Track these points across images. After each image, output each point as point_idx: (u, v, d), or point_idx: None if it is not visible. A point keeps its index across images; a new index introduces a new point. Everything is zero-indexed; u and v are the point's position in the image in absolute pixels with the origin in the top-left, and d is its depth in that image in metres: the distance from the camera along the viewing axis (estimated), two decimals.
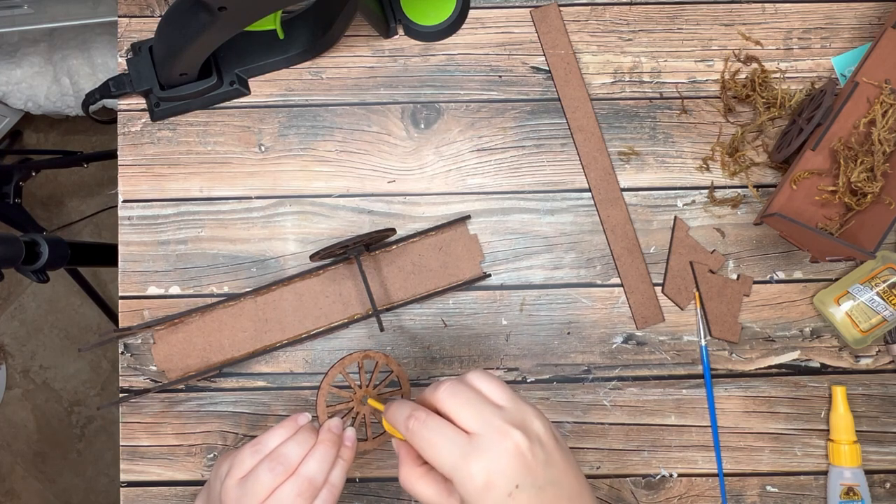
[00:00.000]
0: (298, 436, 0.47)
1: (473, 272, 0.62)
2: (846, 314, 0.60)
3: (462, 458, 0.38)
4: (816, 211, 0.59)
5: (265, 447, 0.47)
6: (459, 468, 0.38)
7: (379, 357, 0.54)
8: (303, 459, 0.46)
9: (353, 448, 0.49)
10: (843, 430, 0.60)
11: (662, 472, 0.62)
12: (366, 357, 0.54)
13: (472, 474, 0.38)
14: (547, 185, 0.63)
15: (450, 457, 0.38)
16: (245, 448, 0.47)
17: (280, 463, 0.45)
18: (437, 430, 0.39)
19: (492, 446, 0.38)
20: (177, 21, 0.53)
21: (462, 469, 0.38)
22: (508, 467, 0.38)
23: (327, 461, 0.47)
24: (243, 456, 0.47)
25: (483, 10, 0.65)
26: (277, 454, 0.46)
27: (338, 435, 0.49)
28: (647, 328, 0.63)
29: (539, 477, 0.39)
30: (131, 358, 0.62)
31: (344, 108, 0.64)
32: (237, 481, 0.46)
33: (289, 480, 0.45)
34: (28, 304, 1.48)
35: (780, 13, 0.65)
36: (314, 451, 0.47)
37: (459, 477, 0.38)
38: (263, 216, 0.63)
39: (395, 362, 0.54)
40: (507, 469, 0.38)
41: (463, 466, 0.38)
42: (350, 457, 0.49)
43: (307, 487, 0.45)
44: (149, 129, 0.64)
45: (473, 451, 0.38)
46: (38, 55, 1.19)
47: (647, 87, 0.64)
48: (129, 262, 0.63)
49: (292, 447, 0.46)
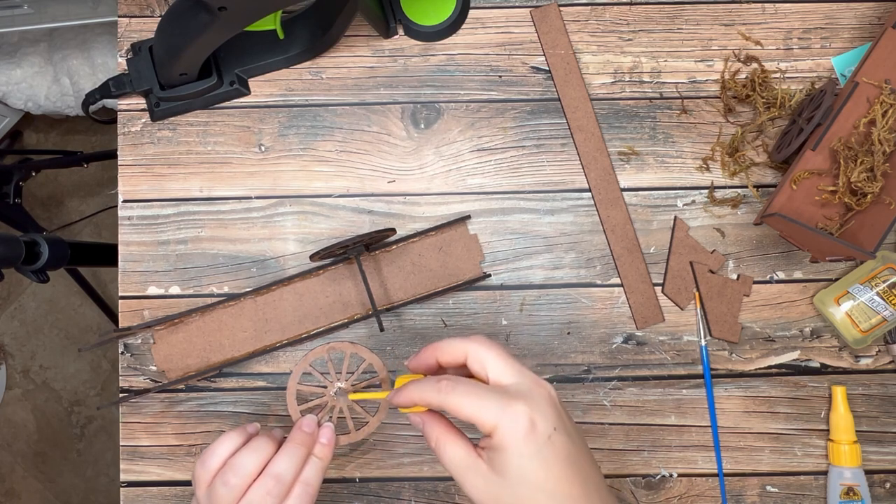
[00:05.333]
0: (252, 443, 0.47)
1: (473, 272, 0.62)
2: (846, 314, 0.60)
3: (504, 407, 0.39)
4: (816, 211, 0.59)
5: (211, 459, 0.46)
6: (503, 415, 0.39)
7: (346, 347, 0.54)
8: (270, 460, 0.46)
9: (329, 444, 0.49)
10: (843, 430, 0.60)
11: (662, 472, 0.62)
12: (331, 349, 0.54)
13: (517, 418, 0.39)
14: (547, 185, 0.63)
15: (493, 407, 0.39)
16: (196, 464, 0.47)
17: (234, 474, 0.45)
18: (473, 387, 0.40)
19: (530, 392, 0.40)
20: (177, 21, 0.53)
21: (506, 415, 0.39)
22: (547, 411, 0.40)
23: (297, 458, 0.46)
24: (196, 474, 0.47)
25: (483, 10, 0.65)
26: (230, 465, 0.46)
27: (309, 433, 0.49)
28: (647, 328, 0.63)
29: (567, 424, 0.41)
30: (131, 358, 0.62)
31: (344, 108, 0.64)
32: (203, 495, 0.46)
33: (257, 481, 0.45)
34: (28, 304, 1.48)
35: (780, 13, 0.65)
36: (282, 449, 0.47)
37: (504, 423, 0.39)
38: (263, 216, 0.63)
39: (366, 349, 0.54)
40: (546, 412, 0.40)
41: (507, 413, 0.39)
42: (326, 454, 0.49)
43: (274, 486, 0.45)
44: (149, 129, 0.64)
45: (514, 398, 0.39)
46: (38, 55, 1.19)
47: (647, 87, 0.64)
48: (129, 262, 0.63)
49: (246, 456, 0.46)
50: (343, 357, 0.55)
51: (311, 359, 0.54)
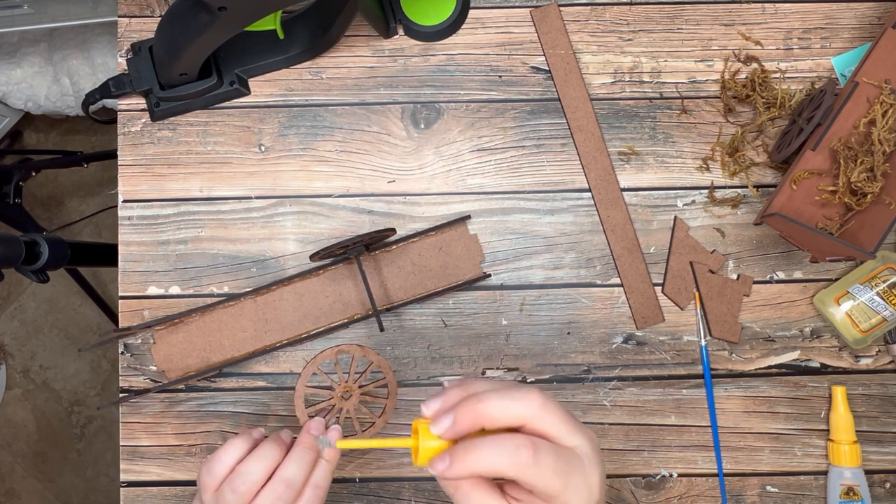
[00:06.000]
0: (259, 449, 0.47)
1: (473, 272, 0.62)
2: (846, 314, 0.60)
3: (571, 475, 0.36)
4: (816, 211, 0.59)
5: (218, 466, 0.46)
6: (567, 486, 0.36)
7: (354, 350, 0.54)
8: (280, 465, 0.46)
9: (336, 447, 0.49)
10: (843, 430, 0.60)
11: (662, 472, 0.62)
12: (339, 352, 0.54)
13: (588, 486, 0.37)
14: (547, 185, 0.63)
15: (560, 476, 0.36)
16: (202, 470, 0.46)
17: (243, 481, 0.45)
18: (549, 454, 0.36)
19: (590, 454, 0.37)
20: (177, 21, 0.53)
21: (570, 485, 0.36)
22: (602, 478, 0.38)
23: (306, 462, 0.46)
24: (202, 480, 0.46)
25: (483, 10, 0.65)
26: (238, 472, 0.45)
27: (317, 436, 0.49)
28: (647, 328, 0.63)
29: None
30: (131, 358, 0.62)
31: (344, 108, 0.64)
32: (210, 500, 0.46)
33: (267, 486, 0.45)
34: (28, 304, 1.48)
35: (780, 13, 0.65)
36: (291, 453, 0.47)
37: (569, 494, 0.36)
38: (263, 216, 0.63)
39: (374, 352, 0.54)
40: (601, 480, 0.38)
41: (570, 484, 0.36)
42: (334, 456, 0.49)
43: (284, 490, 0.45)
44: (149, 129, 0.64)
45: (583, 466, 0.37)
46: (38, 55, 1.19)
47: (647, 87, 0.64)
48: (129, 262, 0.63)
49: (254, 462, 0.46)
50: (351, 359, 0.55)
51: (319, 361, 0.54)
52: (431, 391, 0.62)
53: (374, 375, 0.57)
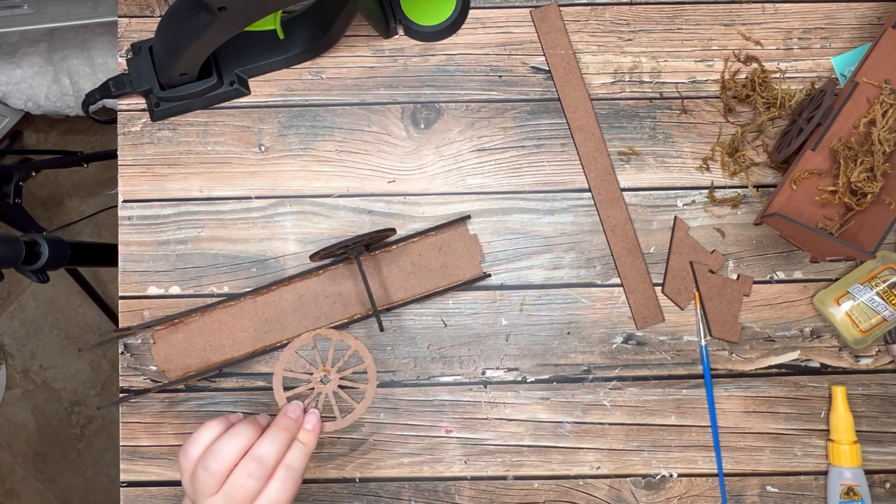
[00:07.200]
0: (233, 429, 0.47)
1: (473, 272, 0.62)
2: (846, 314, 0.60)
3: None
4: (816, 211, 0.59)
5: (193, 447, 0.47)
6: None
7: (332, 334, 0.54)
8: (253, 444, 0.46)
9: (314, 430, 0.49)
10: (843, 430, 0.60)
11: (662, 472, 0.62)
12: (317, 336, 0.54)
13: None
14: (547, 185, 0.63)
15: None
16: (179, 454, 0.47)
17: (214, 459, 0.45)
18: None
19: None
20: (177, 21, 0.53)
21: None
22: None
23: (279, 442, 0.47)
24: (180, 463, 0.47)
25: (483, 10, 0.65)
26: (210, 451, 0.46)
27: (294, 419, 0.49)
28: (647, 328, 0.63)
29: None
30: (131, 358, 0.62)
31: (344, 108, 0.64)
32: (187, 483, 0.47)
33: (239, 464, 0.45)
34: (28, 304, 1.48)
35: (780, 13, 0.65)
36: (266, 433, 0.47)
37: None
38: (263, 216, 0.63)
39: (352, 337, 0.54)
40: None
41: None
42: (311, 439, 0.49)
43: (256, 468, 0.45)
44: (149, 129, 0.64)
45: None
46: (38, 55, 1.19)
47: (647, 87, 0.64)
48: (129, 262, 0.63)
49: (226, 441, 0.46)
50: (330, 344, 0.55)
51: (297, 345, 0.54)
52: (431, 391, 0.62)
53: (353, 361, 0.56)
